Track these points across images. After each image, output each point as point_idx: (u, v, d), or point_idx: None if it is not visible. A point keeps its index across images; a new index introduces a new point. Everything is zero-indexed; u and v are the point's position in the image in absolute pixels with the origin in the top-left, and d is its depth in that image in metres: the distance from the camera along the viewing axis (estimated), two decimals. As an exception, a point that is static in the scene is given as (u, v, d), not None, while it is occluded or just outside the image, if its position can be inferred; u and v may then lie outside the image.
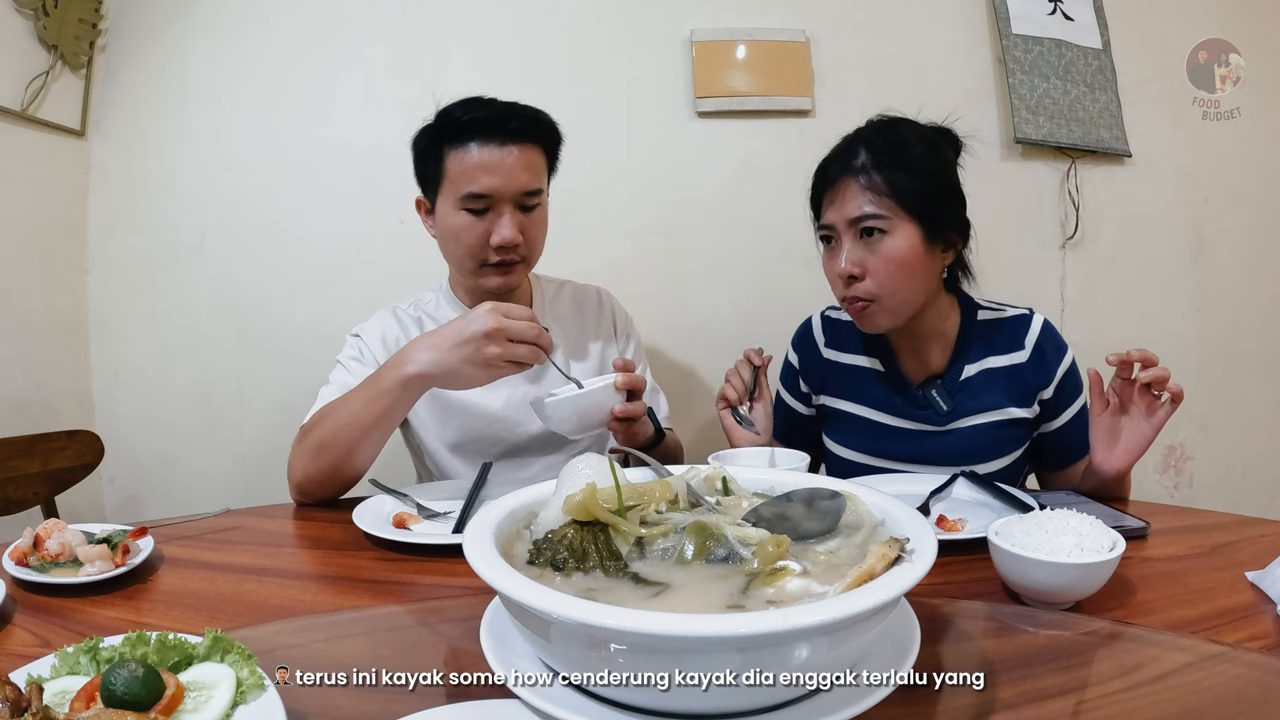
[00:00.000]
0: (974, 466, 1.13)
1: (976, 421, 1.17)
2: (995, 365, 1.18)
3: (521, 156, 1.19)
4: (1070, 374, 1.17)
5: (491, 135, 1.17)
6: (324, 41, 1.85)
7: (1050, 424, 1.18)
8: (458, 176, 1.18)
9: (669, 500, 0.65)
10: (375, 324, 1.31)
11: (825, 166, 1.15)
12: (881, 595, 0.46)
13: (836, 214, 1.11)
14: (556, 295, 1.42)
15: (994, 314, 1.21)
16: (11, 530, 0.95)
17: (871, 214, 1.08)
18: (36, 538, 0.84)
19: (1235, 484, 2.08)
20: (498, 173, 1.17)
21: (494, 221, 1.19)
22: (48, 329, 1.78)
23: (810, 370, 1.31)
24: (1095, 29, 1.96)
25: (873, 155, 1.09)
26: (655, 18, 1.88)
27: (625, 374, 1.08)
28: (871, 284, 1.09)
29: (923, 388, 1.19)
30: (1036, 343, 1.17)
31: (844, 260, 1.09)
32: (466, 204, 1.19)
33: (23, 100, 1.64)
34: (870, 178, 1.08)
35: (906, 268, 1.09)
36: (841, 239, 1.11)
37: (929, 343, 1.20)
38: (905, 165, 1.08)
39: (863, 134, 1.14)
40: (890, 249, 1.08)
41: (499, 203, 1.19)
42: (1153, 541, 0.91)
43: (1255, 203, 2.04)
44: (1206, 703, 0.55)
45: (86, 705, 0.50)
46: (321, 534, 1.03)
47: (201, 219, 1.86)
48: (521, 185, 1.19)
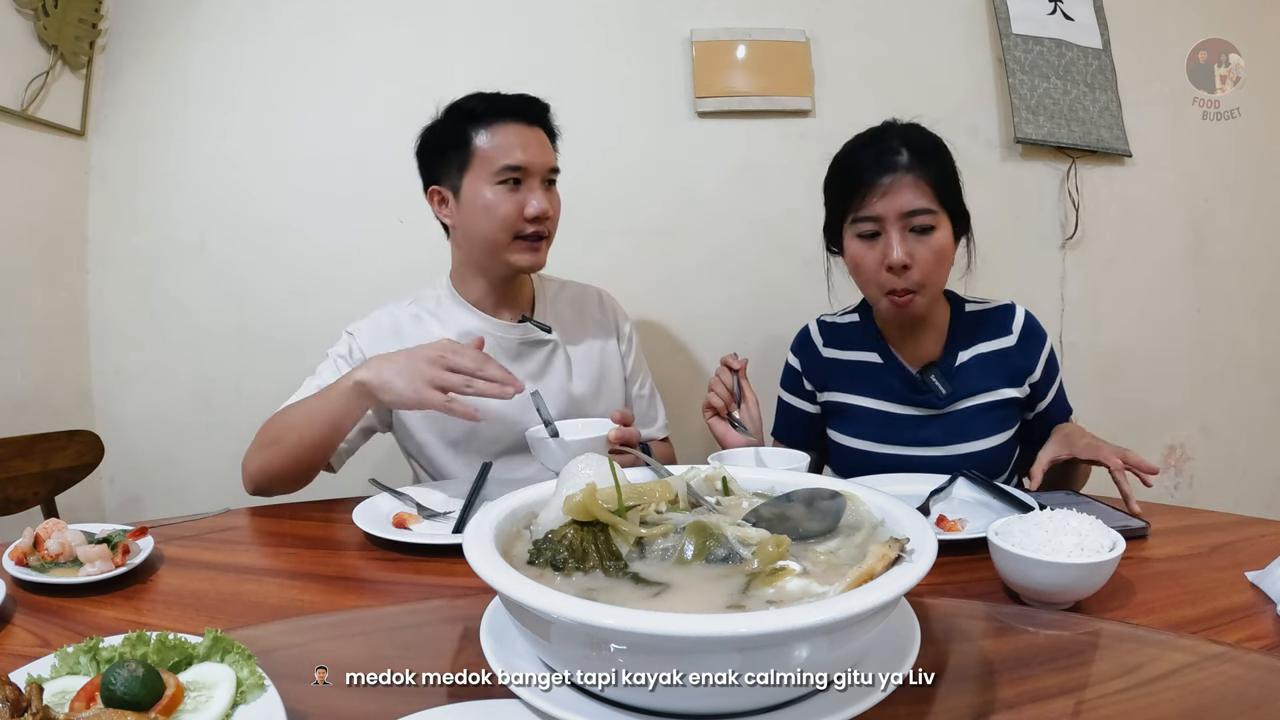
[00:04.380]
0: (971, 444, 1.21)
1: (974, 403, 1.23)
2: (987, 350, 1.24)
3: (544, 138, 1.28)
4: (1052, 357, 1.27)
5: (520, 116, 1.26)
6: (324, 42, 1.85)
7: (1040, 405, 1.27)
8: (492, 152, 1.23)
9: (669, 500, 0.65)
10: (370, 323, 1.32)
11: (861, 160, 1.17)
12: (881, 595, 0.46)
13: (888, 206, 1.14)
14: (557, 295, 1.42)
15: (980, 306, 1.29)
16: (11, 530, 0.95)
17: (925, 208, 1.13)
18: (36, 538, 0.84)
19: (1235, 484, 2.08)
20: (530, 148, 1.25)
21: (527, 194, 1.24)
22: (48, 329, 1.78)
23: (813, 371, 1.34)
24: (1095, 29, 1.96)
25: (915, 154, 1.14)
26: (655, 18, 1.88)
27: (621, 429, 1.10)
28: (919, 274, 1.15)
29: (922, 374, 1.24)
30: (1023, 328, 1.25)
31: (897, 250, 1.13)
32: (503, 176, 1.23)
33: (23, 100, 1.64)
34: (920, 173, 1.14)
35: (947, 259, 1.17)
36: (889, 231, 1.14)
37: (924, 333, 1.26)
38: (939, 164, 1.16)
39: (893, 131, 1.18)
40: (938, 241, 1.15)
41: (530, 176, 1.25)
42: (1153, 541, 0.91)
43: (1255, 203, 2.04)
44: (1206, 703, 0.55)
45: (86, 705, 0.50)
46: (321, 534, 1.03)
47: (201, 219, 1.86)
48: (548, 162, 1.27)
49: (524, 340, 1.33)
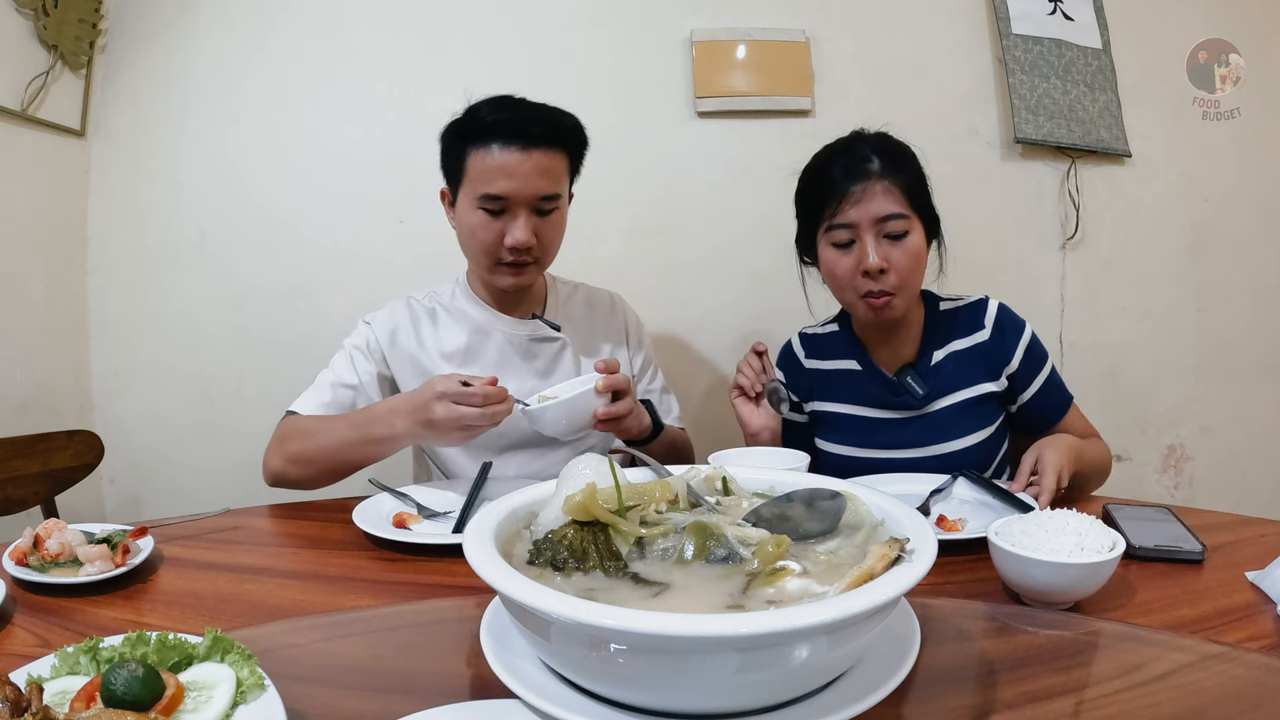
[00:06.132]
0: (951, 444, 1.21)
1: (951, 401, 1.23)
2: (960, 347, 1.25)
3: (541, 161, 1.20)
4: (1032, 346, 1.24)
5: (513, 139, 1.18)
6: (324, 43, 1.85)
7: (1023, 395, 1.25)
8: (477, 176, 1.20)
9: (669, 500, 0.65)
10: (387, 314, 1.33)
11: (832, 169, 1.18)
12: (881, 595, 0.46)
13: (861, 213, 1.15)
14: (570, 297, 1.44)
15: (953, 304, 1.29)
16: (11, 530, 0.95)
17: (898, 213, 1.15)
18: (36, 538, 0.84)
19: (1235, 484, 2.08)
20: (515, 176, 1.18)
21: (509, 223, 1.21)
22: (48, 329, 1.78)
23: (796, 383, 1.37)
24: (1095, 29, 1.96)
25: (885, 160, 1.16)
26: (655, 18, 1.88)
27: (607, 376, 1.10)
28: (895, 278, 1.16)
29: (898, 375, 1.25)
30: (995, 321, 1.25)
31: (872, 255, 1.15)
32: (483, 204, 1.21)
33: (23, 100, 1.64)
34: (891, 180, 1.15)
35: (921, 262, 1.19)
36: (864, 237, 1.16)
37: (900, 336, 1.27)
38: (909, 171, 1.18)
39: (863, 140, 1.20)
40: (911, 245, 1.17)
41: (515, 205, 1.20)
42: (1153, 541, 0.91)
43: (1255, 203, 2.04)
44: (1206, 703, 0.55)
45: (86, 705, 0.50)
46: (321, 534, 1.03)
47: (201, 218, 1.86)
48: (538, 190, 1.20)
49: (533, 337, 1.34)
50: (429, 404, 1.01)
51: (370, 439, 1.09)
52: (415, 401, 1.04)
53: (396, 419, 1.06)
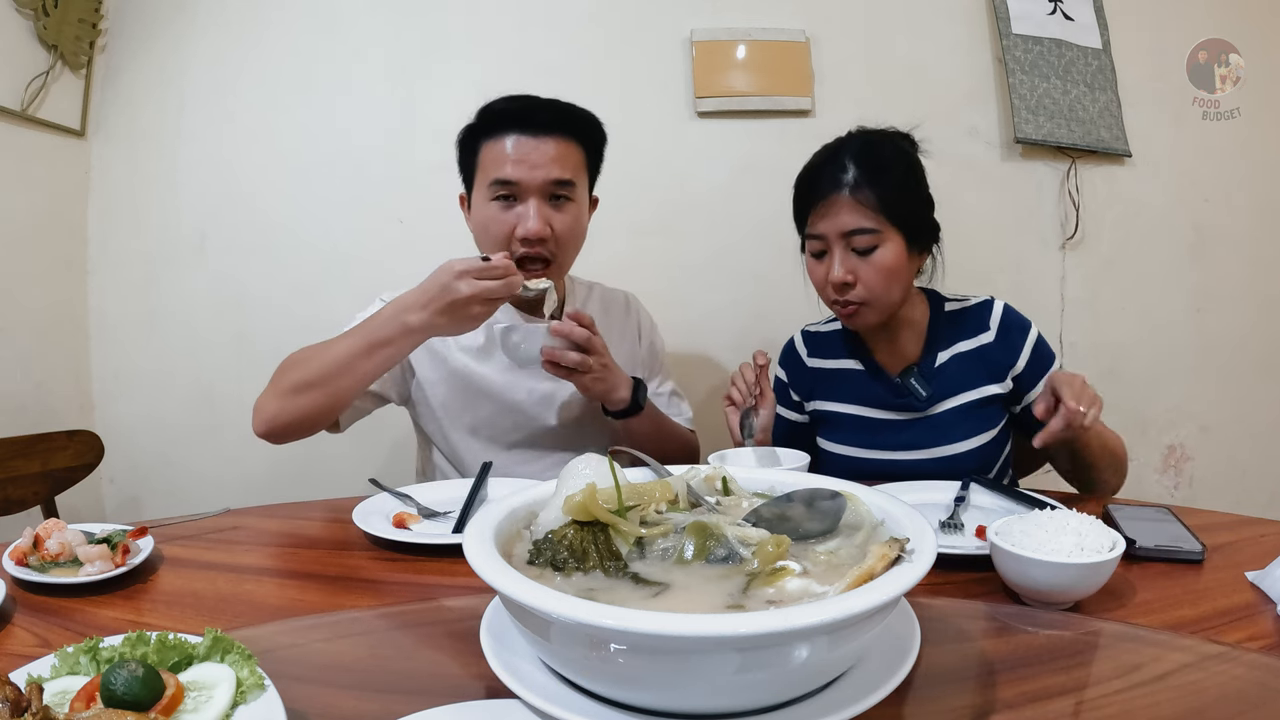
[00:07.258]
0: (954, 446, 1.21)
1: (955, 403, 1.23)
2: (965, 349, 1.24)
3: (552, 148, 1.20)
4: (1039, 347, 1.23)
5: (523, 127, 1.20)
6: (323, 43, 1.86)
7: (1029, 395, 1.22)
8: (488, 164, 1.21)
9: (669, 500, 0.65)
10: None
11: (812, 178, 1.19)
12: (881, 595, 0.46)
13: (829, 225, 1.16)
14: (587, 297, 1.45)
15: (959, 304, 1.28)
16: (11, 530, 0.95)
17: (865, 228, 1.14)
18: (36, 538, 0.84)
19: (1235, 484, 2.08)
20: (525, 161, 1.19)
21: (521, 212, 1.20)
22: (48, 329, 1.78)
23: (798, 381, 1.37)
24: (1095, 29, 1.96)
25: (861, 171, 1.14)
26: (655, 18, 1.88)
27: (560, 323, 1.11)
28: (863, 290, 1.16)
29: (901, 377, 1.24)
30: (1001, 323, 1.24)
31: (838, 268, 1.15)
32: (495, 191, 1.20)
33: (23, 100, 1.64)
34: (861, 193, 1.14)
35: (894, 274, 1.16)
36: (833, 248, 1.16)
37: (902, 336, 1.26)
38: (891, 183, 1.14)
39: (848, 147, 1.18)
40: (880, 259, 1.15)
41: (526, 193, 1.20)
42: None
43: (1255, 203, 2.04)
44: (1206, 703, 0.55)
45: (86, 705, 0.50)
46: (321, 534, 1.03)
47: (201, 219, 1.86)
48: (548, 175, 1.20)
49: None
50: (450, 285, 1.02)
51: (378, 341, 1.07)
52: (430, 290, 1.04)
53: (409, 314, 1.05)
